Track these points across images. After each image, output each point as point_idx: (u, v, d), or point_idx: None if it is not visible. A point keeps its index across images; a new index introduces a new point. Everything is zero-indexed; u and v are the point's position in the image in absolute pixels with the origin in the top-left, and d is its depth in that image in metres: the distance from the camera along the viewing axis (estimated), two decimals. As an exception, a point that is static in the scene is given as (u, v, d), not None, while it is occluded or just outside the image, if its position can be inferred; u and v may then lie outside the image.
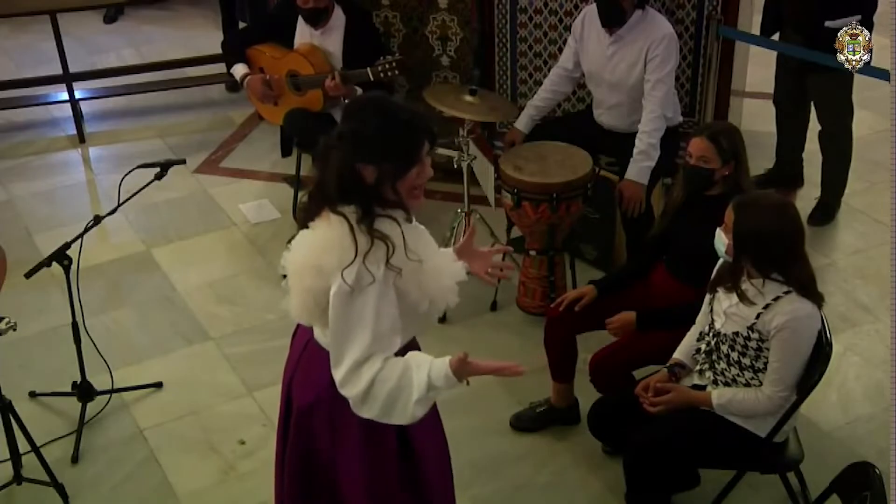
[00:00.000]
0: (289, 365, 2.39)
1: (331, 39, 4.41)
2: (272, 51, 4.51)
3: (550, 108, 4.31)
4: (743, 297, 2.72)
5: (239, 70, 4.56)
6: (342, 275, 2.03)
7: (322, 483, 2.32)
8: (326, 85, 4.27)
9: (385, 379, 2.06)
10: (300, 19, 4.44)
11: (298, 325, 2.38)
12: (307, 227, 2.15)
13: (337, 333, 2.09)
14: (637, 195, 3.85)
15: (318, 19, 4.36)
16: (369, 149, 2.06)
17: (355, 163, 2.06)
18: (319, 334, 2.26)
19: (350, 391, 2.09)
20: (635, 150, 3.84)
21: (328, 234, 2.08)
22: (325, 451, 2.28)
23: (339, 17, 4.39)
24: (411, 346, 2.31)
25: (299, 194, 4.83)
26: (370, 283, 2.04)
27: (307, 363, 2.30)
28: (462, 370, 2.07)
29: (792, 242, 2.69)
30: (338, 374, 2.10)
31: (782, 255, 2.68)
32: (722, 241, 2.74)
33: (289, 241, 2.21)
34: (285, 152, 5.27)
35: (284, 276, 2.19)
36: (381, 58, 4.15)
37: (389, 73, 4.13)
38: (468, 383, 2.12)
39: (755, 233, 2.66)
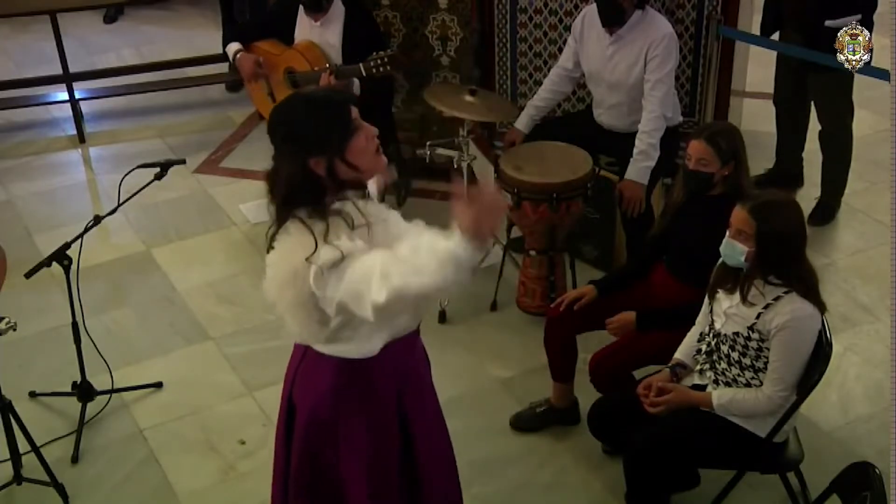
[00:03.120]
0: (289, 370, 2.38)
1: (330, 31, 4.40)
2: (271, 47, 4.50)
3: (550, 108, 4.32)
4: (744, 299, 2.72)
5: (232, 47, 4.51)
6: (312, 265, 2.01)
7: (327, 487, 2.32)
8: (321, 82, 4.27)
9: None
10: (300, 12, 4.43)
11: None
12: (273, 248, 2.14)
13: (347, 297, 2.02)
14: (637, 195, 3.85)
15: (318, 6, 4.34)
16: (307, 139, 2.07)
17: (306, 160, 2.07)
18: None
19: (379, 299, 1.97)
20: (635, 151, 3.84)
21: (288, 241, 2.08)
22: (330, 455, 2.28)
23: (338, 9, 4.38)
24: (412, 343, 2.32)
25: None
26: (339, 258, 2.00)
27: (306, 370, 2.29)
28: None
29: (803, 241, 2.69)
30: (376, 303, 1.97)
31: (794, 254, 2.67)
32: (738, 249, 2.68)
33: None
34: None
35: None
36: (374, 53, 4.13)
37: (381, 69, 4.10)
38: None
39: (779, 235, 2.64)
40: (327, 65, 4.30)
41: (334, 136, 2.09)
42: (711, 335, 2.86)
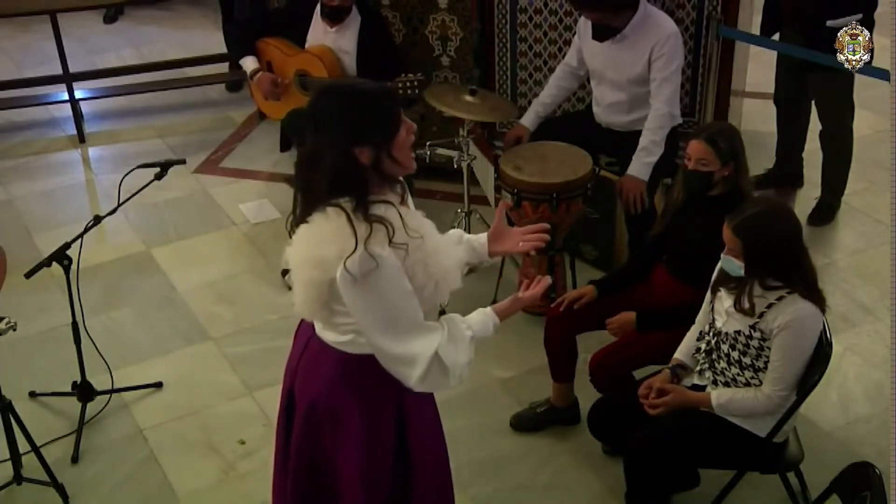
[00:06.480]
0: (290, 363, 2.40)
1: (345, 38, 4.40)
2: (284, 46, 4.48)
3: (557, 105, 4.31)
4: (744, 307, 2.72)
5: (249, 64, 4.51)
6: (345, 265, 2.03)
7: (325, 479, 2.33)
8: None
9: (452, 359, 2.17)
10: (315, 15, 4.43)
11: (301, 323, 2.39)
12: (306, 223, 2.15)
13: (363, 323, 2.12)
14: (636, 190, 3.84)
15: (338, 17, 4.34)
16: (354, 128, 2.07)
17: (351, 148, 2.06)
18: (321, 330, 2.27)
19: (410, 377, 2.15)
20: (638, 146, 3.84)
21: (326, 227, 2.08)
22: (328, 448, 2.30)
23: (354, 17, 4.38)
24: None
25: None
26: (374, 268, 2.04)
27: (308, 362, 2.31)
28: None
29: (796, 245, 2.69)
30: (391, 367, 2.16)
31: (791, 259, 2.67)
32: (735, 265, 2.68)
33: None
34: (284, 147, 5.27)
35: (285, 273, 2.18)
36: (404, 75, 4.13)
37: (410, 91, 4.10)
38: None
39: (767, 247, 2.64)
40: (344, 76, 4.28)
41: (383, 128, 2.09)
42: (712, 334, 2.85)
